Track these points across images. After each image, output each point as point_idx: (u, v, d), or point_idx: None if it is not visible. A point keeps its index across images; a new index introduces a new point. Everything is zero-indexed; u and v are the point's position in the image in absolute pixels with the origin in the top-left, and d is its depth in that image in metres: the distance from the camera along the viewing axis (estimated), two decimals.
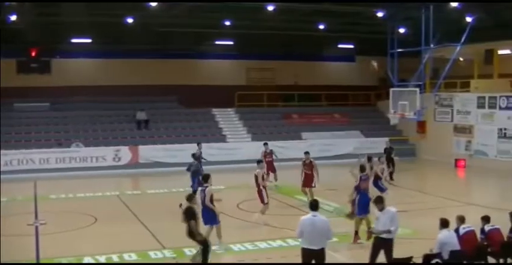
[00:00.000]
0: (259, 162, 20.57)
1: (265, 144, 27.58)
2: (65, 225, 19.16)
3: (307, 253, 11.83)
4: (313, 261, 11.84)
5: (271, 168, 25.90)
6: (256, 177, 19.36)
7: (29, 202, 23.26)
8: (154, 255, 15.64)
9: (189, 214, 14.24)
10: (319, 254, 11.79)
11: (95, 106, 37.35)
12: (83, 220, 19.86)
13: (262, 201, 19.20)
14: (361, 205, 16.57)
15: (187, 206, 14.58)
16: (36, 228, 18.77)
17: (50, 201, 23.95)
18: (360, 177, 17.02)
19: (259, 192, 19.23)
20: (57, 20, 32.69)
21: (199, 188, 17.00)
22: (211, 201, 16.00)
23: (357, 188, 16.97)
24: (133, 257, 15.45)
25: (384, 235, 12.78)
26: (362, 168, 17.64)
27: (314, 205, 12.22)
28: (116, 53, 38.14)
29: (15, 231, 18.06)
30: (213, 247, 15.21)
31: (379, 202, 13.27)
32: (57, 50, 37.23)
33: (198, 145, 27.03)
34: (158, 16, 32.85)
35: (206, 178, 16.45)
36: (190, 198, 14.85)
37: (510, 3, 28.95)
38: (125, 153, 32.93)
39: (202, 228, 15.17)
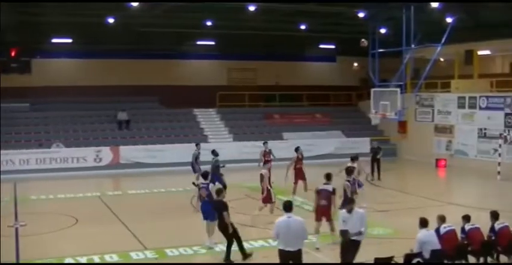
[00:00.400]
0: (265, 162, 21.56)
1: (265, 143, 27.34)
2: (46, 226, 19.03)
3: (284, 254, 11.85)
4: (291, 262, 11.87)
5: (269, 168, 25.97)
6: (262, 177, 19.72)
7: (9, 204, 23.03)
8: (136, 256, 15.58)
9: (221, 207, 14.93)
10: (296, 255, 11.81)
11: (76, 106, 37.07)
12: (63, 222, 19.74)
13: (270, 200, 19.47)
14: None
15: (217, 200, 15.28)
16: (17, 229, 18.63)
17: (30, 202, 23.78)
18: (349, 181, 17.23)
19: (267, 192, 19.53)
20: (37, 20, 32.44)
21: (200, 185, 17.16)
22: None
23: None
24: (114, 258, 15.39)
25: (355, 237, 12.65)
26: (349, 171, 18.10)
27: (288, 207, 12.20)
28: (96, 53, 37.89)
29: None
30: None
31: (349, 203, 13.08)
32: (37, 50, 36.93)
33: (196, 145, 26.98)
34: (139, 16, 32.72)
35: (206, 175, 17.23)
36: (219, 192, 15.48)
37: (488, 3, 29.25)
38: (106, 154, 32.75)
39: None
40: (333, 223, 16.07)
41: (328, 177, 16.83)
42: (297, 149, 24.46)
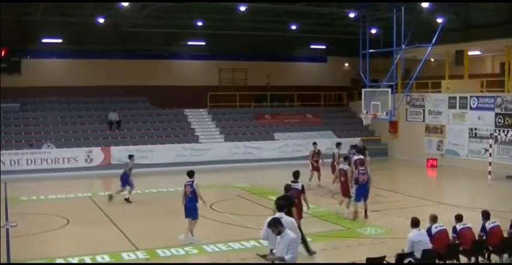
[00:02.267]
0: (345, 158, 22.13)
1: (315, 143, 27.41)
2: (37, 227, 18.97)
3: None
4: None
5: (316, 168, 26.39)
6: (344, 172, 20.59)
7: None
8: (127, 257, 15.53)
9: (292, 202, 15.00)
10: None
11: (66, 107, 36.97)
12: (55, 222, 19.66)
13: (348, 194, 20.36)
14: (357, 194, 19.40)
15: (287, 195, 15.37)
16: (7, 230, 18.55)
17: (21, 203, 23.66)
18: (358, 171, 19.27)
19: (346, 187, 20.47)
20: (27, 20, 32.32)
21: (185, 182, 17.12)
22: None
23: (356, 180, 19.10)
24: (106, 259, 15.33)
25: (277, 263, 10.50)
26: (362, 163, 20.28)
27: (281, 206, 12.19)
28: (87, 53, 37.72)
29: None
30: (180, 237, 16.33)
31: (275, 224, 10.62)
32: (27, 50, 36.79)
33: (130, 158, 24.47)
34: (129, 16, 32.67)
35: (191, 174, 17.18)
36: (288, 187, 15.82)
37: (477, 4, 29.37)
38: (97, 154, 32.63)
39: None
40: (300, 222, 15.74)
41: (296, 175, 16.92)
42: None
